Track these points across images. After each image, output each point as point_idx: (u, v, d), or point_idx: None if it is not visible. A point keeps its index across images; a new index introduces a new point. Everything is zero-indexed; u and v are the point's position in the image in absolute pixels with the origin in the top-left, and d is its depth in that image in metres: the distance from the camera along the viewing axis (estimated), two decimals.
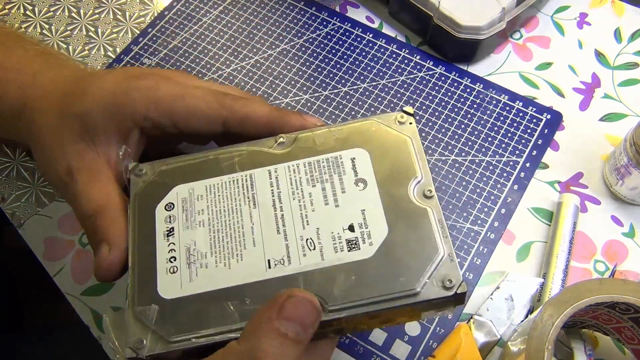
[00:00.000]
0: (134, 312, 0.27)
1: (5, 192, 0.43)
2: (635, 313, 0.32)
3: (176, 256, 0.29)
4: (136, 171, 0.32)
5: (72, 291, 0.39)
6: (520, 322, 0.37)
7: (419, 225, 0.29)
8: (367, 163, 0.31)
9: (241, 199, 0.30)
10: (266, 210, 0.30)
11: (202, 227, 0.30)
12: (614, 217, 0.42)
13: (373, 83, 0.48)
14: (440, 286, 0.27)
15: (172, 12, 0.52)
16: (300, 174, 0.31)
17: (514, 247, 0.41)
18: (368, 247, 0.28)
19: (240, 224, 0.29)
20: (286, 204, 0.30)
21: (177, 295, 0.28)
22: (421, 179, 0.30)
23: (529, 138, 0.45)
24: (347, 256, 0.28)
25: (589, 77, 0.48)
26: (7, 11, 0.52)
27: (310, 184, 0.30)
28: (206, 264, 0.28)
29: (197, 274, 0.28)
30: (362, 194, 0.30)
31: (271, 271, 0.28)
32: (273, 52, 0.49)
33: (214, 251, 0.29)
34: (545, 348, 0.31)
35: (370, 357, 0.37)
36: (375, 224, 0.29)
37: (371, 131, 0.32)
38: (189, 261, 0.29)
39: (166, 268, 0.28)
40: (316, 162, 0.31)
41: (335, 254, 0.28)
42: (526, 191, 0.43)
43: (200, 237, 0.29)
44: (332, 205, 0.30)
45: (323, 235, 0.29)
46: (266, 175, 0.31)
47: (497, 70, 0.48)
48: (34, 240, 0.41)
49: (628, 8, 0.51)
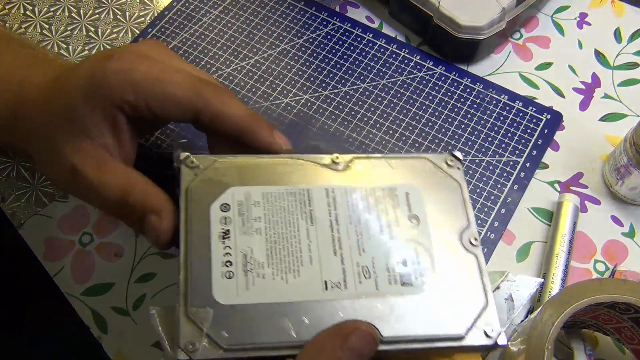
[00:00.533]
0: (187, 312, 0.26)
1: (5, 192, 0.43)
2: (635, 313, 0.32)
3: (232, 261, 0.28)
4: (187, 162, 0.31)
5: (72, 291, 0.39)
6: (520, 322, 0.37)
7: (467, 272, 0.30)
8: (419, 200, 0.32)
9: (298, 213, 0.30)
10: (323, 230, 0.30)
11: (259, 235, 0.29)
12: (614, 217, 0.42)
13: (373, 83, 0.48)
14: (483, 334, 0.28)
15: (172, 12, 0.52)
16: (356, 199, 0.31)
17: (514, 247, 0.41)
18: (419, 284, 0.29)
19: (297, 239, 0.29)
20: (343, 227, 0.30)
21: (233, 302, 0.27)
22: (468, 226, 0.31)
23: (529, 138, 0.45)
24: (400, 290, 0.29)
25: (589, 77, 0.48)
26: (7, 11, 0.52)
27: (366, 211, 0.31)
28: (263, 274, 0.28)
29: (254, 283, 0.28)
30: (414, 231, 0.31)
31: (328, 293, 0.28)
32: (273, 52, 0.49)
33: (270, 262, 0.28)
34: (545, 348, 0.31)
35: None
36: (427, 263, 0.30)
37: (423, 169, 0.33)
38: (246, 269, 0.28)
39: (222, 272, 0.28)
40: (372, 190, 0.31)
41: (389, 286, 0.29)
42: (526, 191, 0.43)
43: (257, 245, 0.29)
44: (386, 236, 0.30)
45: (378, 265, 0.29)
46: (324, 193, 0.31)
47: (497, 70, 0.48)
48: (34, 240, 0.41)
49: (628, 8, 0.51)
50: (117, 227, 0.41)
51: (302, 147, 0.44)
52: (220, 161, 0.31)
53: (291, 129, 0.45)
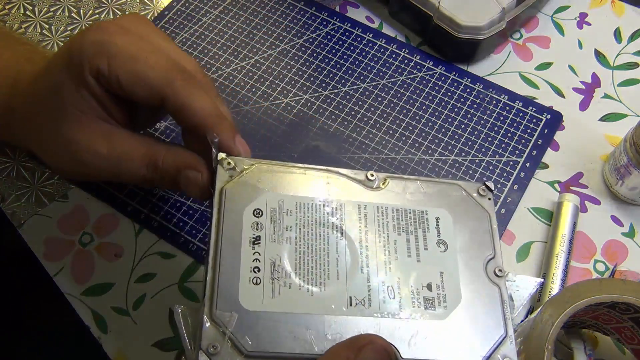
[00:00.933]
0: (212, 314, 0.26)
1: (5, 192, 0.43)
2: (635, 313, 0.32)
3: (260, 267, 0.28)
4: (224, 163, 0.31)
5: (72, 291, 0.39)
6: (520, 322, 0.37)
7: (489, 302, 0.30)
8: (449, 226, 0.32)
9: (330, 226, 0.30)
10: (352, 246, 0.30)
11: (289, 244, 0.29)
12: (614, 217, 0.42)
13: (373, 83, 0.48)
14: None
15: (172, 12, 0.52)
16: (387, 218, 0.31)
17: (514, 247, 0.41)
18: (443, 311, 0.29)
19: (326, 252, 0.29)
20: (372, 244, 0.30)
21: (258, 309, 0.27)
22: (493, 257, 0.32)
23: (529, 138, 0.45)
24: (423, 314, 0.29)
25: (589, 77, 0.48)
26: (7, 11, 0.52)
27: (396, 232, 0.31)
28: (290, 284, 0.28)
29: (280, 292, 0.28)
30: (442, 256, 0.31)
31: (352, 309, 0.28)
32: (273, 52, 0.49)
33: (298, 273, 0.29)
34: (545, 348, 0.31)
35: None
36: (451, 289, 0.30)
37: (455, 195, 0.33)
38: (273, 277, 0.28)
39: (249, 277, 0.28)
40: (404, 212, 0.32)
41: (412, 309, 0.29)
42: (526, 191, 0.43)
43: (286, 254, 0.29)
44: (414, 259, 0.30)
45: (403, 286, 0.29)
46: (356, 209, 0.31)
47: (497, 70, 0.48)
48: (34, 240, 0.41)
49: (628, 8, 0.51)
50: (117, 227, 0.42)
51: (302, 147, 0.44)
52: (256, 166, 0.31)
53: (291, 129, 0.45)
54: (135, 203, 0.42)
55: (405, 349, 0.28)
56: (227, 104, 0.42)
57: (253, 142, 0.43)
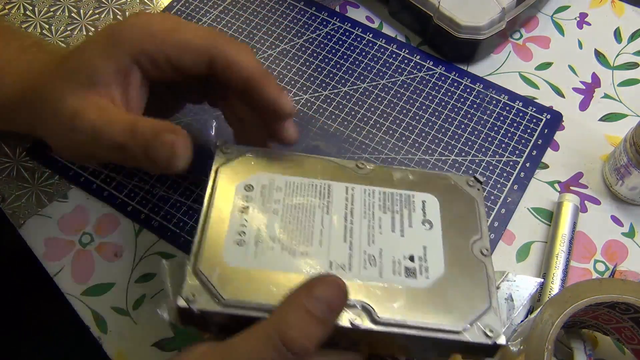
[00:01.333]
0: (195, 267, 0.28)
1: (5, 192, 0.43)
2: (635, 313, 0.32)
3: (246, 232, 0.30)
4: (222, 147, 0.33)
5: (72, 291, 0.39)
6: (520, 322, 0.37)
7: (474, 274, 0.30)
8: (435, 209, 0.32)
9: (316, 203, 0.32)
10: (337, 220, 0.31)
11: (276, 215, 0.31)
12: (614, 217, 0.42)
13: (373, 83, 0.48)
14: (482, 333, 0.28)
15: (172, 12, 0.52)
16: (374, 199, 0.32)
17: (514, 247, 0.41)
18: (424, 279, 0.29)
19: (311, 223, 0.31)
20: (357, 219, 0.31)
21: (239, 265, 0.29)
22: (480, 238, 0.32)
23: (529, 138, 0.45)
24: (403, 281, 0.29)
25: (589, 77, 0.48)
26: (7, 11, 0.52)
27: (382, 210, 0.32)
28: (273, 247, 0.30)
29: (263, 252, 0.29)
30: (426, 233, 0.31)
31: (332, 272, 0.29)
32: (273, 52, 0.49)
33: (282, 238, 0.30)
34: (545, 348, 0.31)
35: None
36: (434, 261, 0.30)
37: (443, 183, 0.34)
38: (257, 240, 0.30)
39: (234, 239, 0.30)
40: (390, 194, 0.33)
41: (393, 276, 0.29)
42: (526, 191, 0.43)
43: (272, 223, 0.31)
44: (397, 234, 0.31)
45: (385, 256, 0.30)
46: (343, 189, 0.33)
47: (497, 70, 0.48)
48: (34, 240, 0.41)
49: (628, 8, 0.51)
50: (117, 227, 0.42)
51: (302, 147, 0.44)
52: (252, 151, 0.34)
53: None
54: (135, 203, 0.42)
55: (381, 310, 0.28)
56: None
57: None
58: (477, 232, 0.32)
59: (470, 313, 0.29)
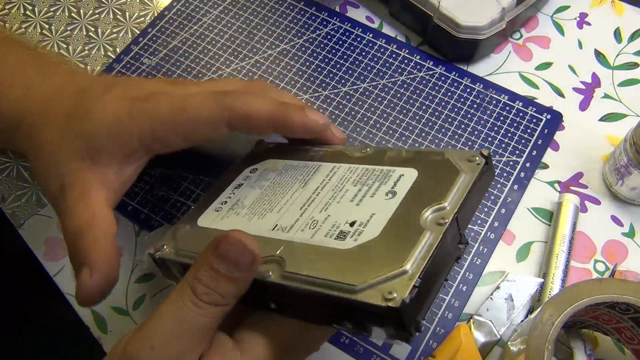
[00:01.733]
0: (174, 229, 0.33)
1: (5, 192, 0.43)
2: (635, 313, 0.32)
3: (227, 202, 0.34)
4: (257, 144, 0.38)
5: (72, 291, 0.39)
6: (520, 322, 0.37)
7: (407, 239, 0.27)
8: (409, 181, 0.31)
9: (299, 179, 0.33)
10: (307, 193, 0.32)
11: (260, 190, 0.34)
12: (614, 217, 0.42)
13: (373, 83, 0.48)
14: (380, 295, 0.24)
15: (172, 12, 0.52)
16: (354, 175, 0.32)
17: (514, 247, 0.41)
18: (350, 242, 0.28)
19: (282, 196, 0.33)
20: (324, 192, 0.32)
21: (205, 225, 0.33)
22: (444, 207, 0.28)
23: (529, 138, 0.45)
24: (329, 242, 0.28)
25: (589, 77, 0.48)
26: (7, 11, 0.52)
27: (353, 184, 0.32)
28: (239, 212, 0.33)
29: (229, 217, 0.33)
30: (384, 203, 0.30)
31: (271, 232, 0.30)
32: (273, 52, 0.49)
33: (251, 207, 0.33)
34: (545, 348, 0.31)
35: (370, 357, 0.37)
36: (373, 227, 0.28)
37: (434, 159, 0.32)
38: (232, 208, 0.33)
39: (215, 207, 0.34)
40: (372, 170, 0.32)
41: (323, 238, 0.29)
42: (526, 191, 0.43)
43: (252, 195, 0.34)
44: (354, 203, 0.30)
45: (328, 222, 0.30)
46: (329, 168, 0.34)
47: (497, 70, 0.48)
48: (34, 240, 0.41)
49: (628, 8, 0.51)
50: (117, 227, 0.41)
51: None
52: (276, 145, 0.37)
53: None
54: (135, 203, 0.42)
55: (292, 265, 0.28)
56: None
57: None
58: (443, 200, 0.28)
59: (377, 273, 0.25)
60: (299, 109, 0.33)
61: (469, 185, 0.29)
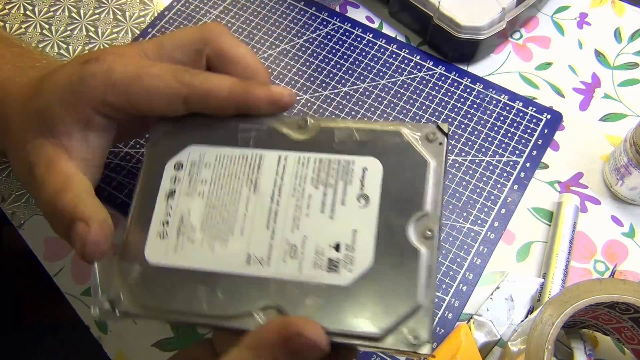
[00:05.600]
0: (120, 265, 0.28)
1: (5, 192, 0.43)
2: (635, 313, 0.32)
3: (170, 221, 0.29)
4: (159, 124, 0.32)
5: (72, 291, 0.39)
6: (520, 322, 0.37)
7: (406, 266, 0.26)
8: (377, 178, 0.28)
9: (244, 179, 0.29)
10: (263, 200, 0.28)
11: (202, 198, 0.29)
12: (614, 217, 0.42)
13: (373, 83, 0.48)
14: (403, 340, 0.25)
15: (172, 12, 0.52)
16: (307, 169, 0.29)
17: (514, 247, 0.41)
18: (347, 274, 0.26)
19: (235, 207, 0.29)
20: (284, 199, 0.28)
21: (160, 263, 0.28)
22: (427, 214, 0.27)
23: (529, 138, 0.45)
24: (324, 277, 0.26)
25: (589, 77, 0.48)
26: (7, 11, 0.52)
27: (313, 185, 0.28)
28: (193, 239, 0.28)
29: (183, 247, 0.28)
30: (360, 212, 0.28)
31: (248, 267, 0.27)
32: (273, 52, 0.49)
33: (203, 228, 0.28)
34: (545, 348, 0.31)
35: (370, 356, 0.37)
36: (362, 250, 0.27)
37: (394, 142, 0.29)
38: (179, 230, 0.28)
39: (158, 231, 0.29)
40: (327, 161, 0.29)
41: (313, 271, 0.27)
42: (526, 191, 0.43)
43: (196, 208, 0.29)
44: (326, 216, 0.28)
45: (308, 246, 0.27)
46: (275, 160, 0.29)
47: (497, 70, 0.48)
48: (34, 240, 0.41)
49: (628, 8, 0.51)
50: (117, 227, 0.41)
51: None
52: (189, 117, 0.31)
53: None
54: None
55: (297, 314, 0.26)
56: None
57: None
58: (420, 208, 0.27)
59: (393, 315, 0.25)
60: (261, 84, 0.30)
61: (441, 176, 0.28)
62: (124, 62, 0.30)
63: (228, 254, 0.28)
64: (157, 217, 0.29)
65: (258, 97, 0.30)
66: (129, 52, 0.31)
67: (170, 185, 0.30)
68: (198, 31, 0.32)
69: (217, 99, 0.30)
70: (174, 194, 0.29)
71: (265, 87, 0.30)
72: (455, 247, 0.40)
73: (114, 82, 0.30)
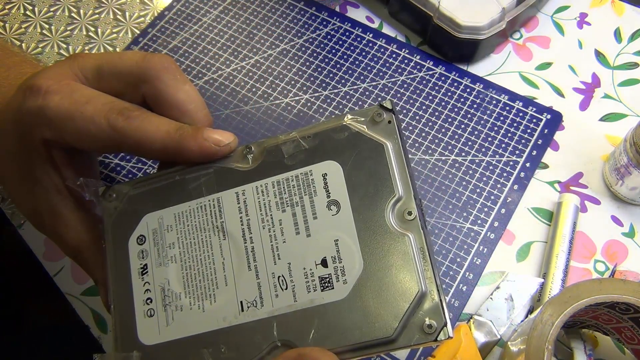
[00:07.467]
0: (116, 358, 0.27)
1: None
2: (635, 313, 0.32)
3: (152, 297, 0.28)
4: (106, 196, 0.30)
5: (72, 291, 0.39)
6: (520, 322, 0.37)
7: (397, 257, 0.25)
8: (340, 179, 0.27)
9: (210, 228, 0.28)
10: (236, 243, 0.28)
11: (174, 263, 0.28)
12: (614, 217, 0.42)
13: (373, 83, 0.48)
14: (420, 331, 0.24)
15: (172, 12, 0.52)
16: (269, 196, 0.28)
17: (514, 247, 0.41)
18: (342, 287, 0.26)
19: (211, 259, 0.28)
20: (256, 234, 0.27)
21: (156, 342, 0.27)
22: (400, 197, 0.26)
23: (529, 138, 0.45)
24: (321, 297, 0.26)
25: (589, 77, 0.48)
26: (7, 11, 0.52)
27: (280, 209, 0.28)
28: (181, 306, 0.27)
29: (173, 317, 0.27)
30: (334, 220, 0.27)
31: (244, 314, 0.26)
32: (273, 52, 0.49)
33: (187, 291, 0.28)
34: (545, 348, 0.31)
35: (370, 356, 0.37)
36: (350, 257, 0.26)
37: (343, 137, 0.28)
38: (165, 303, 0.28)
39: (144, 311, 0.28)
40: (285, 181, 0.28)
41: (308, 294, 0.26)
42: (526, 191, 0.43)
43: (173, 274, 0.28)
44: (303, 235, 0.27)
45: (295, 271, 0.26)
46: (234, 198, 0.28)
47: (497, 70, 0.48)
48: (34, 240, 0.41)
49: (628, 8, 0.51)
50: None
51: None
52: (134, 188, 0.30)
53: (291, 129, 0.45)
54: None
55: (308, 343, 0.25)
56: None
57: None
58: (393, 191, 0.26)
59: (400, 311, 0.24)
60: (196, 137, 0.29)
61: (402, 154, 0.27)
62: (59, 97, 0.29)
63: (220, 309, 0.27)
64: (137, 297, 0.28)
65: (191, 150, 0.29)
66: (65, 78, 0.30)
67: (140, 261, 0.29)
68: (137, 66, 0.30)
69: (150, 150, 0.29)
70: (146, 269, 0.28)
71: (201, 138, 0.29)
72: (455, 247, 0.40)
73: (49, 120, 0.29)
